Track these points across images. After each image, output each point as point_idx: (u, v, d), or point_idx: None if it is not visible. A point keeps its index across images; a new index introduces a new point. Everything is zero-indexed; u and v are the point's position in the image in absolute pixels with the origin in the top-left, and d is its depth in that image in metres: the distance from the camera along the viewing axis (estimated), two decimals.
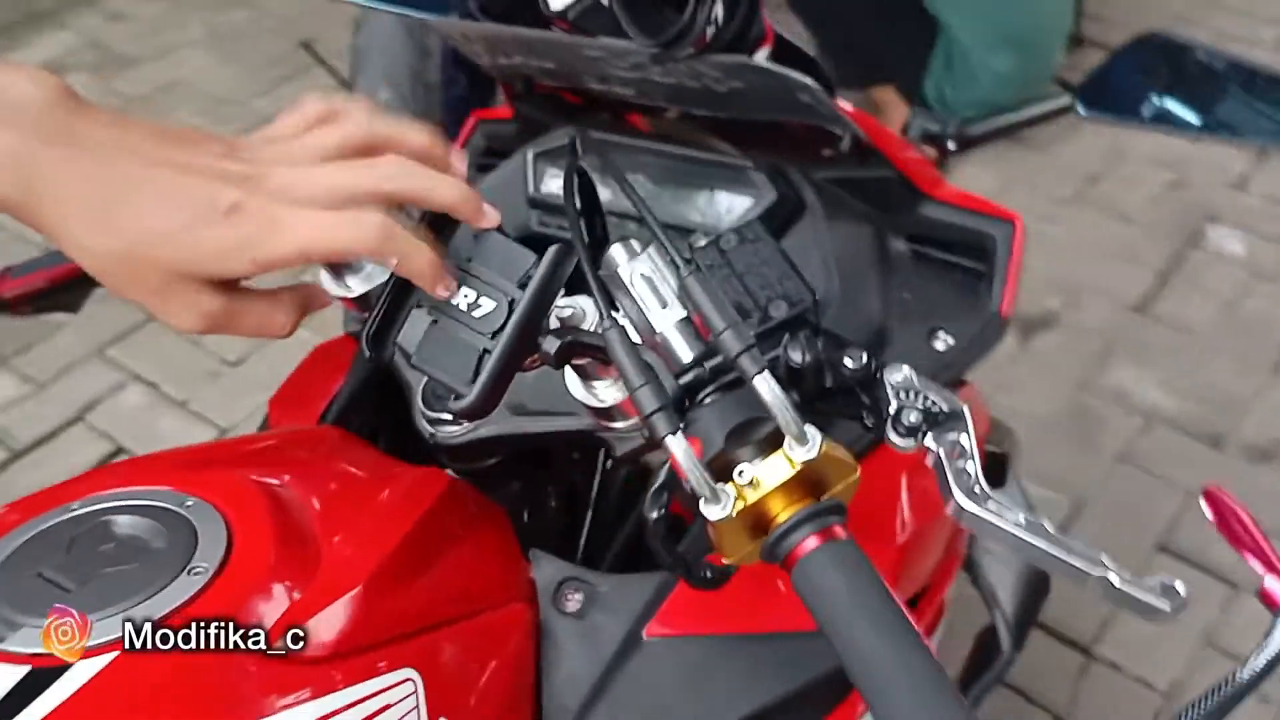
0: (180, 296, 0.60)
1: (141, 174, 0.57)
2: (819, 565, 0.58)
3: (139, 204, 0.57)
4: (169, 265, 0.58)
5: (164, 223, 0.57)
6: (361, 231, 0.61)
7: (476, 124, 1.16)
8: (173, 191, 0.58)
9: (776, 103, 0.88)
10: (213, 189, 0.58)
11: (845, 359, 0.66)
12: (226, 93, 3.25)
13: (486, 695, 0.69)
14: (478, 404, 0.62)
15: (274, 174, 0.61)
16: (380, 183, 0.63)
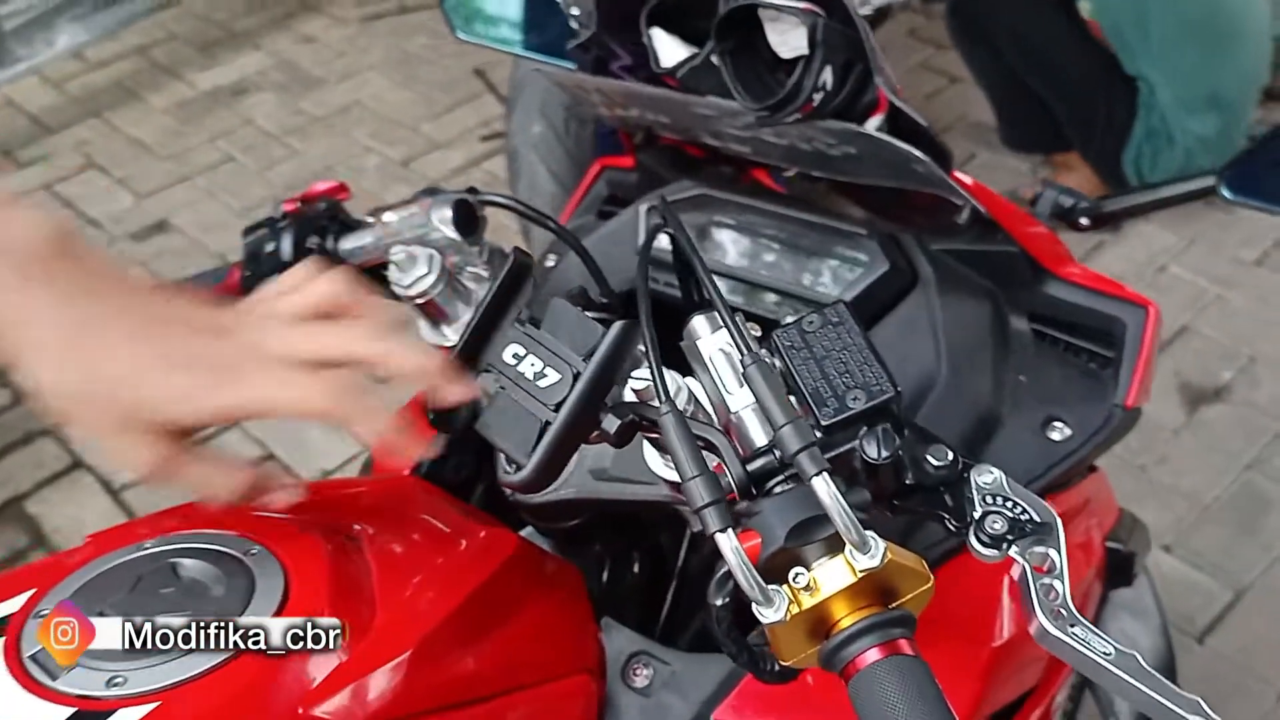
0: (131, 439, 0.60)
1: (113, 318, 0.59)
2: (877, 681, 0.54)
3: (103, 345, 0.59)
4: (125, 406, 0.59)
5: (126, 365, 0.59)
6: (317, 394, 0.61)
7: (601, 171, 1.16)
8: (141, 336, 0.59)
9: (890, 170, 0.84)
10: (180, 337, 0.60)
11: (929, 455, 0.62)
12: (399, 116, 3.36)
13: None
14: (533, 477, 0.60)
15: (246, 329, 0.62)
16: (349, 344, 0.63)
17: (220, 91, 3.54)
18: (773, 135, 0.87)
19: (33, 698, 0.56)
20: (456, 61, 3.59)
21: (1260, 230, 2.64)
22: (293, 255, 0.90)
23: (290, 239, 0.90)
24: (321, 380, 0.61)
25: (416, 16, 3.89)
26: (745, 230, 0.94)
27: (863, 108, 0.79)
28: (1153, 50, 2.50)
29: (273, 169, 3.19)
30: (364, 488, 0.82)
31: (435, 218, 0.85)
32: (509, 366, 0.63)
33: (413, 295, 0.81)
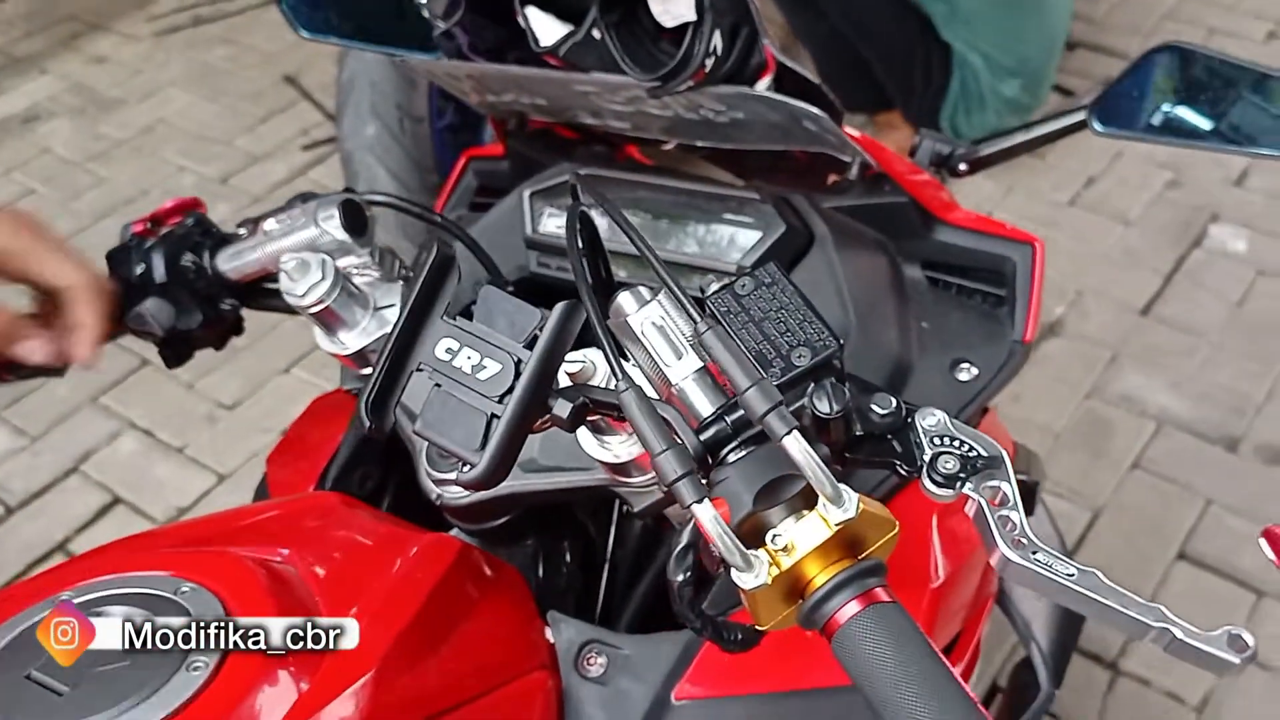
0: None
1: None
2: (862, 632, 0.54)
3: None
4: None
5: None
6: None
7: (468, 163, 1.13)
8: None
9: (780, 132, 0.84)
10: None
11: (874, 405, 0.63)
12: (210, 131, 3.21)
13: None
14: (488, 473, 0.58)
15: None
16: None
17: (9, 121, 3.31)
18: (657, 107, 0.86)
19: None
20: (263, 71, 3.46)
21: (1069, 174, 2.80)
22: (166, 276, 0.84)
23: (162, 259, 0.84)
24: None
25: (212, 28, 3.72)
26: (636, 207, 0.93)
27: (752, 70, 0.79)
28: (960, 18, 2.61)
29: (78, 199, 3.00)
30: (280, 509, 0.78)
31: (322, 221, 0.81)
32: (443, 363, 0.61)
33: (308, 304, 0.77)
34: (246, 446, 2.31)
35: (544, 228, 0.95)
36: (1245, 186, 2.74)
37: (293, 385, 2.44)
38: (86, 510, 2.20)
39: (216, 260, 0.86)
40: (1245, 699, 1.78)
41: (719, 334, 0.56)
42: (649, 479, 0.70)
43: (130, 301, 0.85)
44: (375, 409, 0.61)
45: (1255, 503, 2.03)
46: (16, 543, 2.15)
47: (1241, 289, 2.47)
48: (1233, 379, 2.27)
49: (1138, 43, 3.18)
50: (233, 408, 2.40)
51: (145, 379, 2.45)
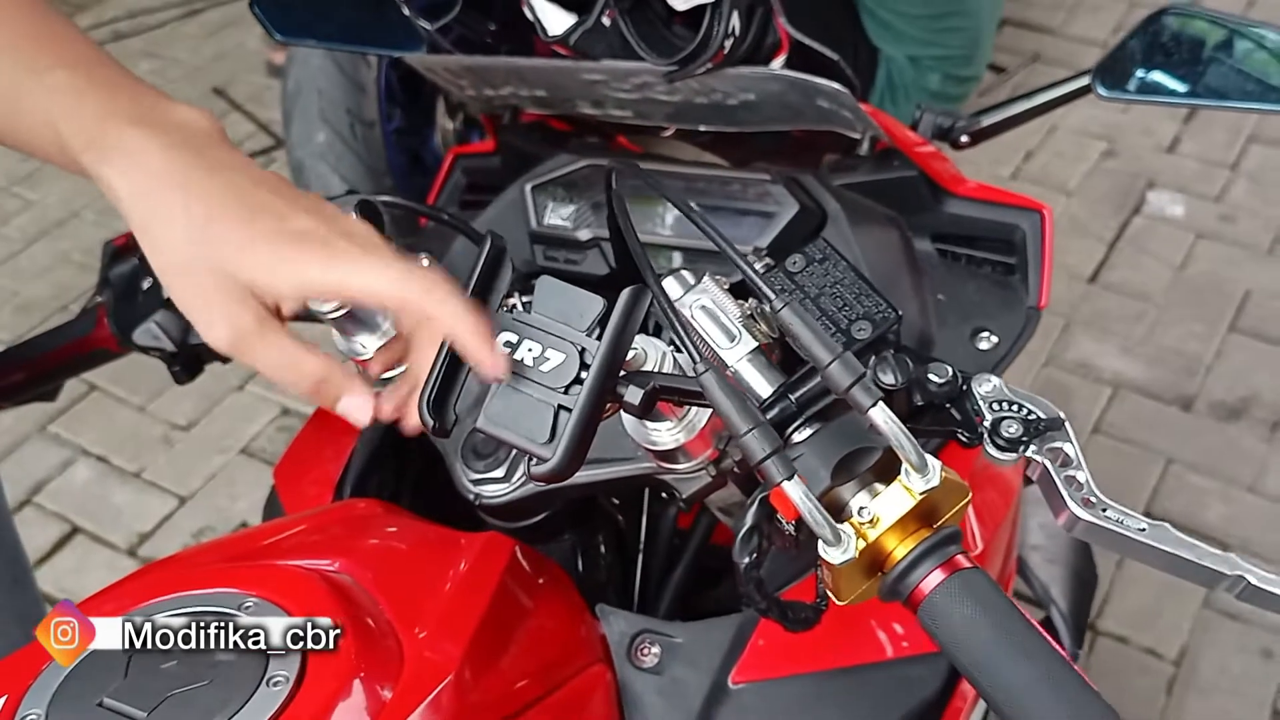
0: (224, 302, 0.61)
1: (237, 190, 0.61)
2: (950, 599, 0.54)
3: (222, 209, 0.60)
4: (223, 264, 0.60)
5: (236, 227, 0.60)
6: (412, 281, 0.60)
7: (455, 161, 1.11)
8: (257, 207, 0.61)
9: (792, 111, 0.84)
10: (291, 214, 0.61)
11: (931, 375, 0.63)
12: None
13: None
14: (562, 464, 0.57)
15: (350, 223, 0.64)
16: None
17: None
18: (664, 93, 0.86)
19: None
20: (190, 84, 3.38)
21: (1007, 148, 2.85)
22: None
23: None
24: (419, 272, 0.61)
25: (134, 42, 3.62)
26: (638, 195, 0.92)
27: (767, 50, 0.79)
28: (884, 27, 2.65)
29: (7, 224, 2.91)
30: (319, 520, 0.76)
31: None
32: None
33: (329, 309, 0.75)
34: (206, 467, 2.26)
35: (549, 220, 0.94)
36: (1178, 152, 2.81)
37: (248, 402, 2.39)
38: (45, 541, 2.13)
39: None
40: (1219, 650, 1.83)
41: (796, 309, 0.55)
42: (697, 464, 0.69)
43: (137, 319, 0.83)
44: (436, 408, 0.60)
45: (1214, 459, 2.09)
46: None
47: (1182, 252, 2.54)
48: (1181, 340, 2.33)
49: (1061, 17, 3.26)
50: (188, 428, 2.34)
51: (95, 404, 2.39)
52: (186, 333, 0.83)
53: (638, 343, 0.65)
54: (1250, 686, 1.78)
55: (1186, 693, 1.78)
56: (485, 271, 0.62)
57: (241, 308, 0.61)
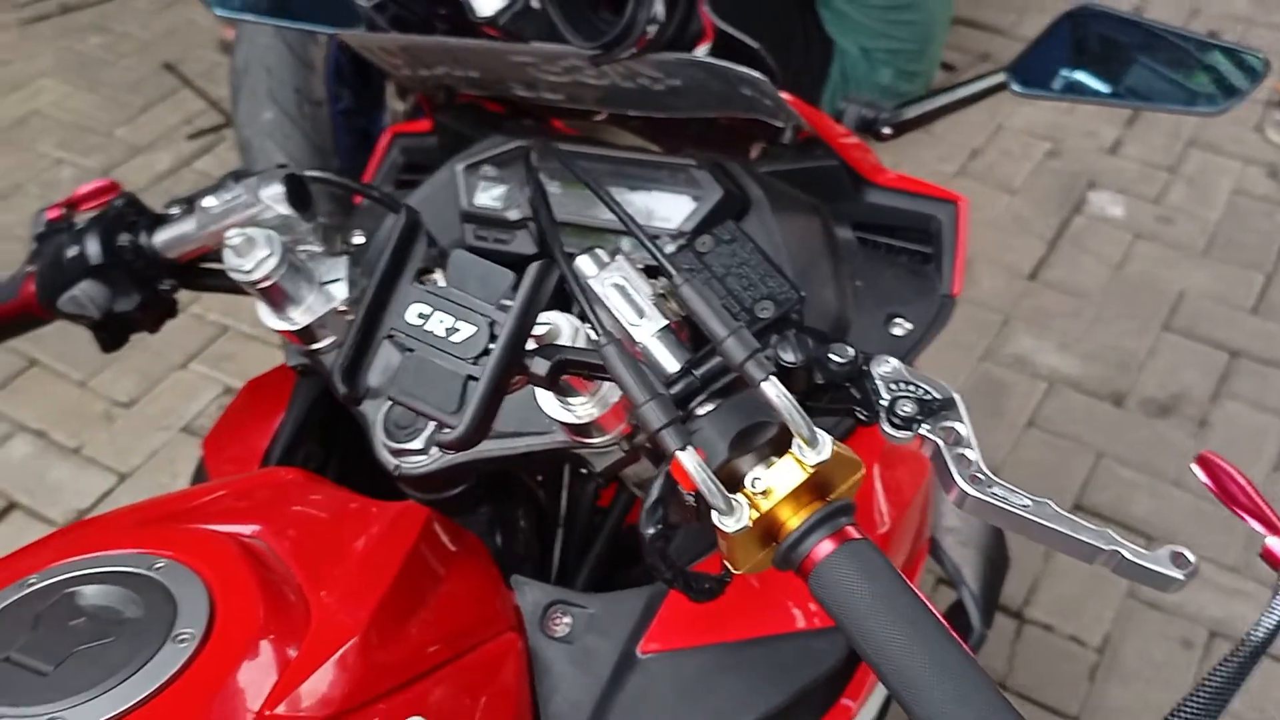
0: None
1: None
2: (838, 568, 0.56)
3: None
4: None
5: None
6: None
7: (393, 139, 1.12)
8: None
9: (717, 98, 0.86)
10: None
11: (832, 354, 0.65)
12: (87, 122, 3.10)
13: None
14: (468, 433, 0.59)
15: None
16: None
17: None
18: (593, 77, 0.87)
19: None
20: (140, 59, 3.35)
21: (954, 146, 2.89)
22: (103, 257, 0.82)
23: (97, 240, 0.82)
24: None
25: (83, 15, 3.58)
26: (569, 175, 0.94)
27: (691, 37, 0.81)
28: (838, 17, 2.68)
29: None
30: (239, 486, 0.77)
31: (265, 196, 0.80)
32: (415, 327, 0.61)
33: (255, 279, 0.76)
34: (147, 444, 2.25)
35: (479, 200, 0.96)
36: (1119, 154, 2.87)
37: (191, 380, 2.38)
38: None
39: (155, 238, 0.84)
40: (1141, 639, 1.88)
41: (696, 286, 0.57)
42: (610, 439, 0.71)
43: (62, 286, 0.83)
44: (348, 376, 0.61)
45: (1143, 453, 2.14)
46: None
47: (1120, 252, 2.59)
48: (1116, 338, 2.39)
49: (1011, 18, 3.30)
50: (130, 405, 2.33)
51: (35, 379, 2.37)
52: (112, 302, 0.84)
53: (552, 318, 0.67)
54: (1171, 674, 1.83)
55: (1108, 679, 1.82)
56: (399, 244, 0.63)
57: None
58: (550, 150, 0.70)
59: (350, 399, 0.61)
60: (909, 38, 2.73)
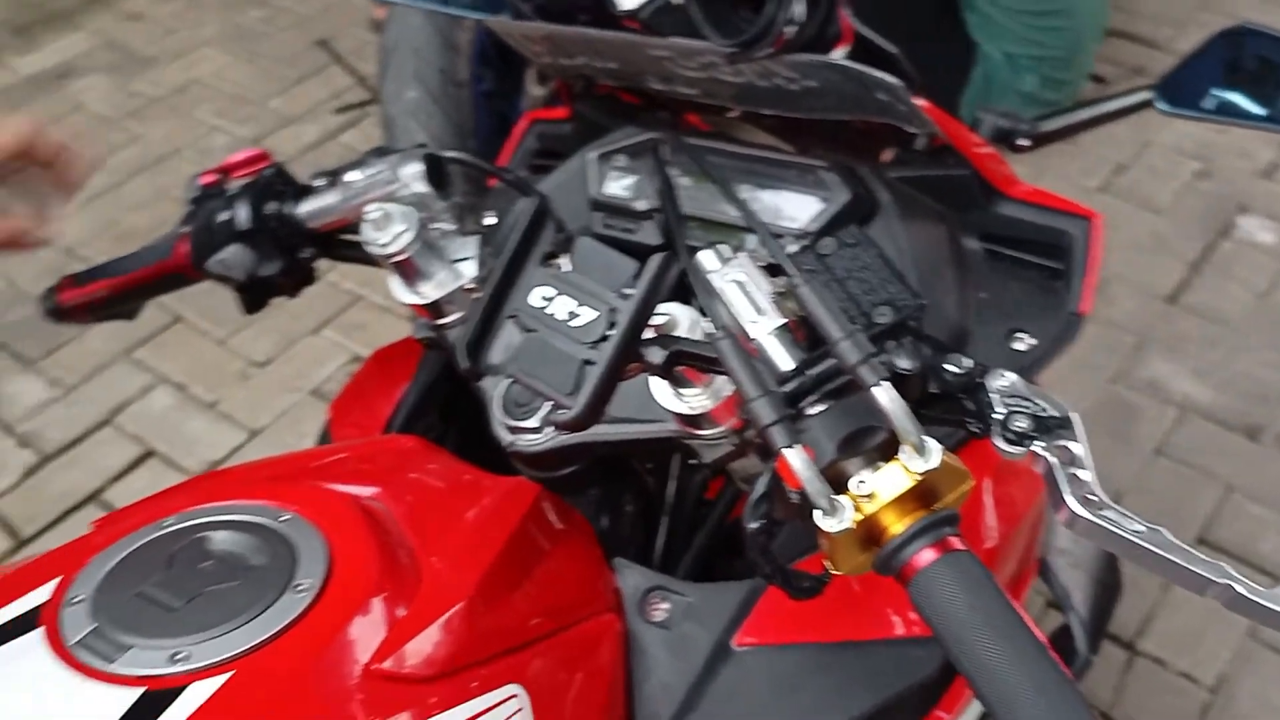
0: None
1: None
2: (938, 578, 0.56)
3: None
4: None
5: None
6: None
7: (530, 125, 1.15)
8: None
9: (851, 101, 0.86)
10: None
11: (948, 365, 0.65)
12: (243, 92, 3.23)
13: (585, 708, 0.68)
14: (583, 415, 0.61)
15: None
16: None
17: (44, 76, 3.33)
18: (729, 74, 0.88)
19: (94, 684, 0.54)
20: (296, 34, 3.47)
21: (1099, 160, 2.81)
22: (251, 223, 0.87)
23: (247, 206, 0.87)
24: None
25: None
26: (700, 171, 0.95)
27: (829, 39, 0.81)
28: (985, 20, 2.62)
29: (113, 155, 3.02)
30: (362, 449, 0.81)
31: (405, 174, 0.83)
32: (538, 310, 0.63)
33: (390, 253, 0.80)
34: (277, 404, 2.34)
35: (609, 189, 0.97)
36: (1274, 179, 2.75)
37: (322, 346, 2.47)
38: (120, 461, 2.23)
39: (299, 208, 0.88)
40: (1259, 681, 1.80)
41: (815, 288, 0.58)
42: (720, 431, 0.72)
43: (212, 248, 0.88)
44: (472, 352, 0.64)
45: (1276, 490, 2.05)
46: (51, 491, 2.18)
47: (1268, 280, 2.49)
48: (1256, 368, 2.29)
49: (1168, 32, 3.19)
50: (264, 365, 2.43)
51: (179, 334, 2.48)
52: (256, 266, 0.88)
53: (671, 310, 0.68)
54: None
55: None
56: (529, 228, 0.65)
57: None
58: (681, 144, 0.71)
59: (472, 374, 0.64)
60: (1057, 45, 2.65)
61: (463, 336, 0.64)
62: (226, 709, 0.53)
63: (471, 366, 0.64)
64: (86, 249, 2.65)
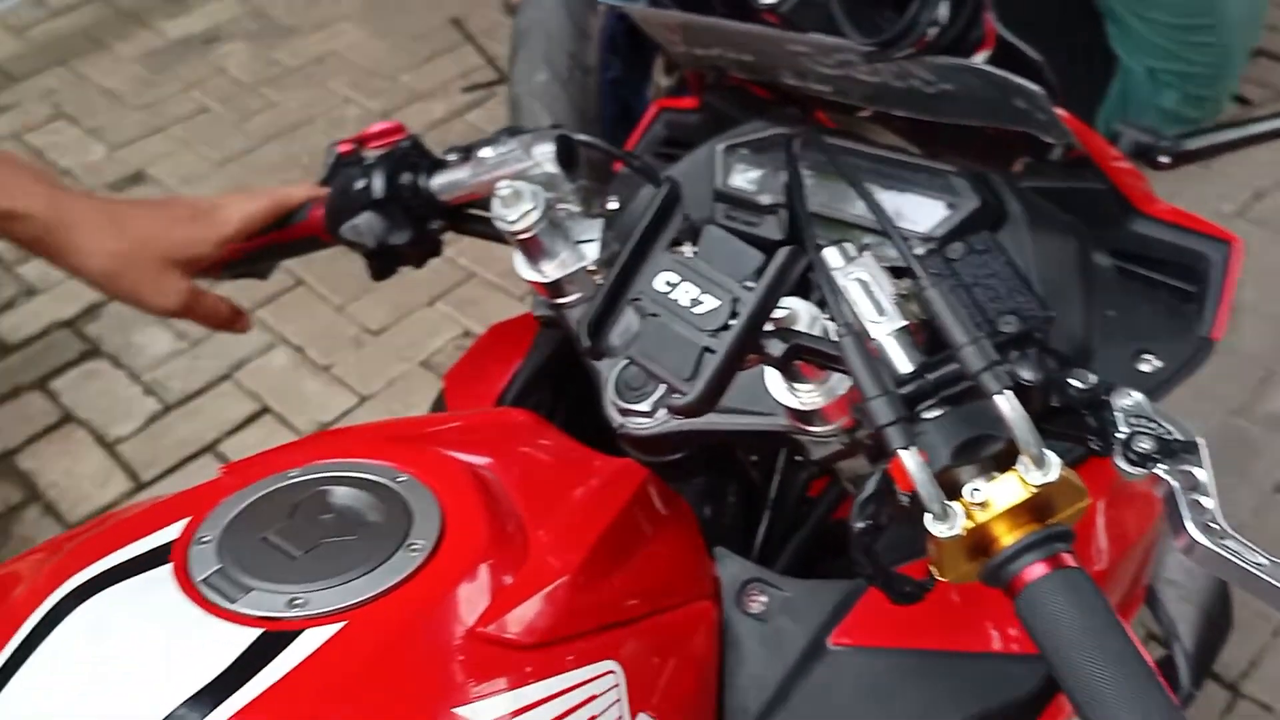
0: (167, 282, 0.93)
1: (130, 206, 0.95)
2: (1048, 593, 0.56)
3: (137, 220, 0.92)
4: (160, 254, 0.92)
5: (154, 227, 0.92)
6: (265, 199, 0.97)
7: (659, 113, 1.16)
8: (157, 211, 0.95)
9: (989, 107, 0.85)
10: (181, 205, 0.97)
11: (1072, 380, 0.64)
12: (377, 66, 3.31)
13: (678, 692, 0.69)
14: (698, 401, 0.61)
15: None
16: None
17: (191, 40, 3.46)
18: (865, 73, 0.87)
19: (217, 620, 0.56)
20: (432, 11, 3.54)
21: (1236, 184, 2.71)
22: (385, 191, 0.89)
23: (383, 176, 0.90)
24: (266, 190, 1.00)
25: None
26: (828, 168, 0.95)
27: (971, 43, 0.80)
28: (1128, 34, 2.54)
29: (249, 120, 3.13)
30: (476, 420, 0.83)
31: (537, 153, 0.85)
32: (661, 294, 0.64)
33: (517, 230, 0.81)
34: (388, 372, 2.40)
35: (734, 181, 0.98)
36: None
37: (435, 318, 2.52)
38: (237, 416, 2.31)
39: (432, 181, 0.90)
40: None
41: (942, 290, 0.57)
42: (830, 429, 0.72)
43: (346, 214, 0.91)
44: (594, 332, 0.65)
45: None
46: (172, 440, 2.27)
47: None
48: None
49: None
50: (378, 334, 2.49)
51: (299, 298, 2.56)
52: (387, 234, 0.91)
53: (792, 304, 0.69)
54: None
55: None
56: (659, 213, 0.66)
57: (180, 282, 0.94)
58: (816, 141, 0.71)
59: (592, 353, 0.65)
60: (1203, 61, 2.56)
61: (585, 316, 0.65)
62: (339, 656, 0.55)
63: (592, 346, 0.65)
64: None
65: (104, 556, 0.61)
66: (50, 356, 2.46)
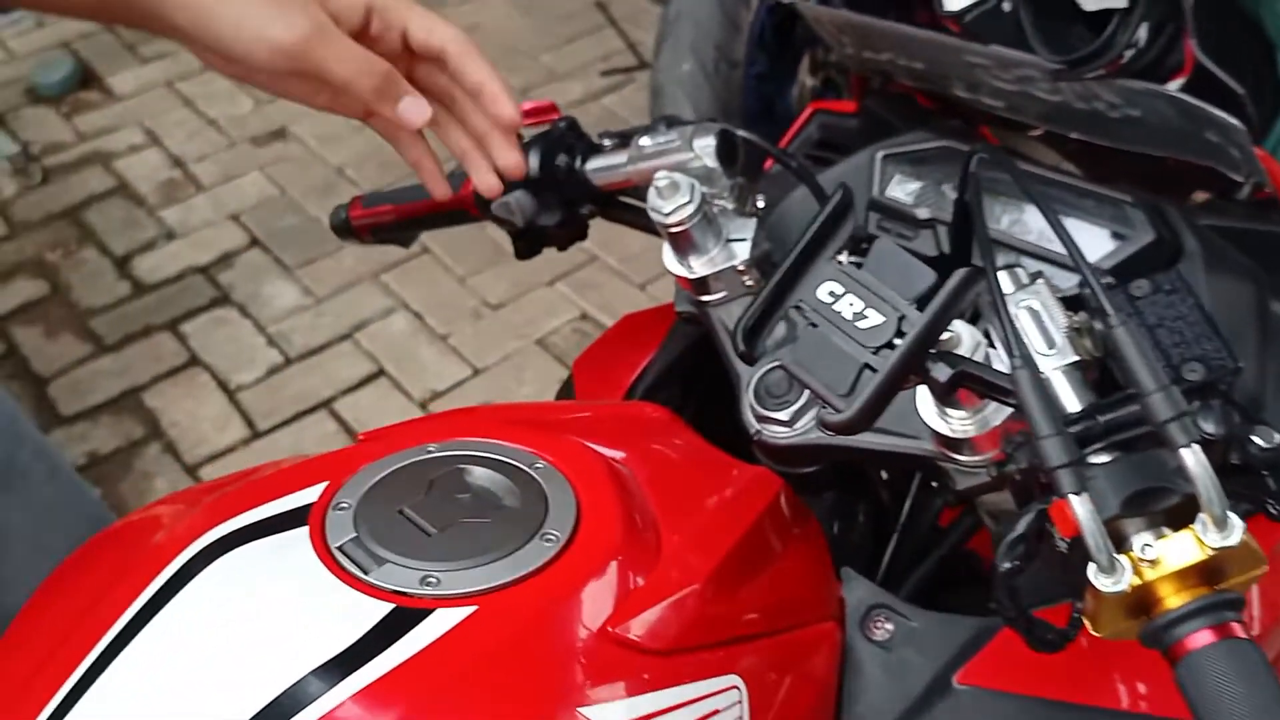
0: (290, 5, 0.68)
1: None
2: (1215, 662, 0.52)
3: None
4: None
5: None
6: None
7: (814, 114, 1.13)
8: None
9: (1176, 137, 0.81)
10: None
11: (1255, 437, 0.60)
12: (518, 44, 3.33)
13: (796, 713, 0.67)
14: (854, 420, 0.59)
15: None
16: None
17: None
18: (1045, 91, 0.84)
19: (350, 590, 0.56)
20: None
21: None
22: (539, 172, 0.89)
23: (538, 155, 0.89)
24: None
25: None
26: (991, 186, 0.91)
27: (1168, 69, 0.76)
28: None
29: None
30: (610, 411, 0.82)
31: (698, 146, 0.83)
32: (823, 304, 0.62)
33: (671, 223, 0.80)
34: (503, 347, 2.41)
35: (891, 191, 0.95)
36: None
37: (553, 299, 2.53)
38: (354, 375, 2.35)
39: (588, 164, 0.89)
40: None
41: (1132, 330, 0.54)
42: (979, 460, 0.69)
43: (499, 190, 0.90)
44: (750, 336, 0.63)
45: None
46: (290, 392, 2.33)
47: None
48: None
49: None
50: (497, 308, 2.51)
51: (424, 266, 2.59)
52: (536, 214, 0.90)
53: (956, 327, 0.66)
54: None
55: None
56: (829, 220, 0.64)
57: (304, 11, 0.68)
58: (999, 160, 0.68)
59: (747, 357, 0.63)
60: None
61: (743, 319, 0.63)
62: (468, 640, 0.54)
63: (747, 350, 0.63)
64: (353, 170, 2.80)
65: (243, 512, 0.61)
66: (183, 300, 2.53)
